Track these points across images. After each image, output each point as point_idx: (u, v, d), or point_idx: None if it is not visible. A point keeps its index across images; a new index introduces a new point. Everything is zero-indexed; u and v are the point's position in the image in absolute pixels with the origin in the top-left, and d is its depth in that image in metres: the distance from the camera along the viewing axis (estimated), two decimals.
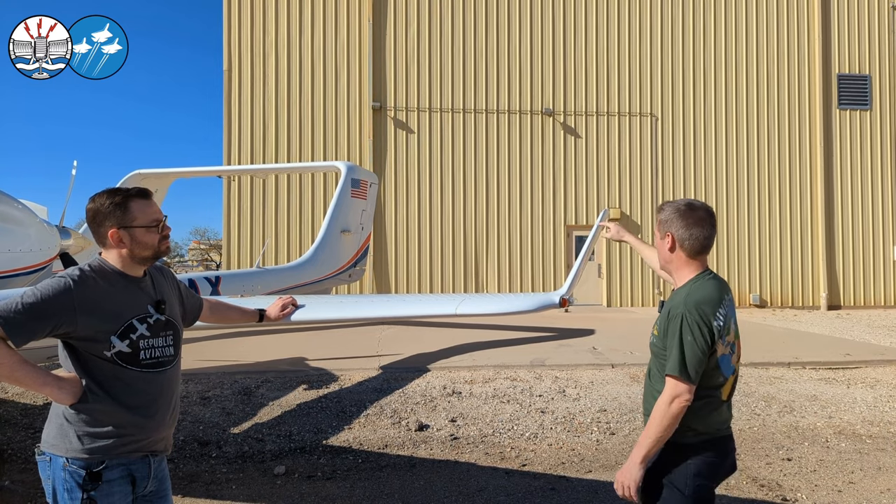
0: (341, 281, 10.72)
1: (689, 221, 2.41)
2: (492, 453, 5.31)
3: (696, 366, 2.23)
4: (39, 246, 6.95)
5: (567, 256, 17.35)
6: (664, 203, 2.52)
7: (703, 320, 2.27)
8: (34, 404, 6.85)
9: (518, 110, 17.47)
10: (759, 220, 17.84)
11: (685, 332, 2.25)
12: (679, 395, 2.22)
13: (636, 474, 2.26)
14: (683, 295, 2.36)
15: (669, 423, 2.23)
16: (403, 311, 4.49)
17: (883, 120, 18.38)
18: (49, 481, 2.10)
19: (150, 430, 2.19)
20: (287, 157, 16.80)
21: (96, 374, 2.11)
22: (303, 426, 6.04)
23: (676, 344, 2.25)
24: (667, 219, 2.44)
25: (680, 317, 2.28)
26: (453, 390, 7.42)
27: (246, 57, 16.87)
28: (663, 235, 2.46)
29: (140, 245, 2.20)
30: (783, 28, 18.19)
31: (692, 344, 2.24)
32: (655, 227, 2.53)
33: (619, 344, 10.59)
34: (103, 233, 2.18)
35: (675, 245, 2.42)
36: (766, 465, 5.02)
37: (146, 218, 2.21)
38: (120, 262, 2.21)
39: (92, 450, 2.08)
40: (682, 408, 2.22)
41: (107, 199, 2.19)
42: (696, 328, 2.25)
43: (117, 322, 2.13)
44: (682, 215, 2.42)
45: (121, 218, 2.17)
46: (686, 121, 17.87)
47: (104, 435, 2.09)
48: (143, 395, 2.16)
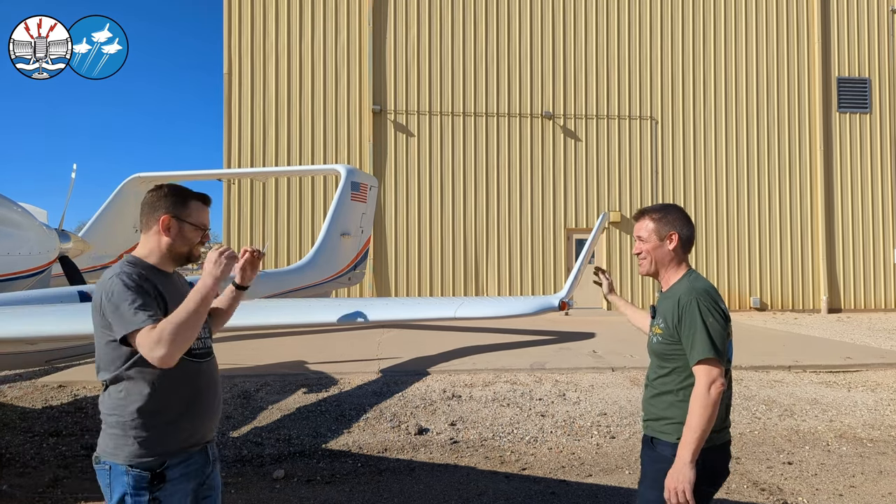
0: (341, 284, 10.70)
1: (687, 220, 2.53)
2: (491, 457, 5.29)
3: (723, 345, 2.25)
4: (39, 249, 6.95)
5: (567, 260, 17.33)
6: (655, 207, 2.58)
7: (716, 303, 2.32)
8: (33, 408, 6.83)
9: (518, 114, 17.47)
10: (759, 223, 17.82)
11: (705, 314, 2.26)
12: (715, 378, 2.21)
13: (689, 475, 2.18)
14: (686, 286, 2.39)
15: (712, 412, 2.19)
16: (402, 314, 4.47)
17: (883, 123, 18.38)
18: (110, 489, 2.10)
19: (204, 419, 2.24)
20: (287, 161, 16.79)
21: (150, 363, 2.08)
22: (302, 430, 6.02)
23: (700, 328, 2.25)
24: (672, 219, 2.50)
25: (694, 303, 2.29)
26: (453, 394, 7.41)
27: (246, 60, 16.88)
28: (665, 236, 2.49)
29: (182, 240, 2.25)
30: (783, 32, 18.21)
31: (714, 324, 2.25)
32: (647, 232, 2.53)
33: (620, 347, 10.58)
34: (156, 217, 2.23)
35: (679, 244, 2.47)
36: (766, 468, 5.01)
37: (198, 219, 2.29)
38: (155, 255, 2.24)
39: (154, 452, 2.09)
40: (719, 393, 2.20)
41: (171, 190, 2.28)
42: (715, 309, 2.29)
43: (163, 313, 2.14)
44: (683, 215, 2.52)
45: (178, 209, 2.25)
46: (686, 124, 17.87)
47: (164, 434, 2.11)
48: (196, 385, 2.20)
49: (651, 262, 2.54)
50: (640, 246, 2.56)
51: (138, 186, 11.28)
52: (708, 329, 2.24)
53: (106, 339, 2.11)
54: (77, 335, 4.22)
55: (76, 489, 4.53)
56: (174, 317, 2.01)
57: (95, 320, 2.14)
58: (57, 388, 7.67)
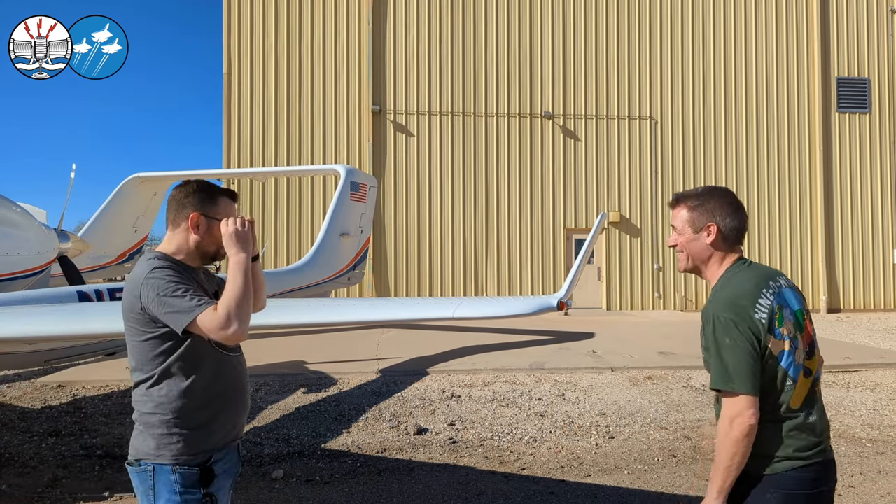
0: (340, 284, 10.70)
1: (733, 207, 2.09)
2: (491, 457, 5.30)
3: (746, 372, 1.86)
4: (38, 249, 6.96)
5: (567, 260, 17.33)
6: (693, 192, 2.16)
7: (739, 316, 1.91)
8: (32, 408, 6.83)
9: (518, 113, 17.47)
10: (758, 222, 17.81)
11: (720, 334, 1.90)
12: (739, 412, 1.85)
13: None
14: (712, 293, 2.06)
15: (735, 450, 1.86)
16: (401, 314, 4.47)
17: (882, 123, 18.38)
18: (153, 491, 2.05)
19: (241, 413, 2.24)
20: (286, 160, 16.78)
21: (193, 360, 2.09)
22: (301, 430, 6.03)
23: (714, 351, 1.91)
24: (712, 207, 2.08)
25: (711, 319, 1.95)
26: (452, 394, 7.41)
27: (246, 59, 16.88)
28: (701, 227, 2.09)
29: (210, 238, 2.21)
30: (782, 32, 18.21)
31: (732, 347, 1.88)
32: (681, 222, 2.14)
33: (619, 347, 10.58)
34: (184, 214, 2.19)
35: (720, 236, 2.07)
36: None
37: (226, 215, 2.24)
38: (182, 252, 2.21)
39: (200, 448, 2.07)
40: (747, 428, 1.85)
41: (199, 186, 2.24)
42: (733, 327, 1.90)
43: None
44: (728, 201, 2.10)
45: (207, 206, 2.21)
46: (685, 124, 17.87)
47: (208, 430, 2.09)
48: (233, 379, 2.19)
49: (687, 258, 2.15)
50: (675, 238, 2.18)
51: (138, 186, 11.29)
52: (721, 353, 1.89)
53: (145, 337, 2.07)
54: (76, 335, 4.23)
55: (75, 489, 4.53)
56: (229, 294, 2.00)
57: (129, 319, 2.10)
58: (56, 388, 7.67)
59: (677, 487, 4.60)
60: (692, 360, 9.27)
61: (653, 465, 5.10)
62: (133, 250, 11.85)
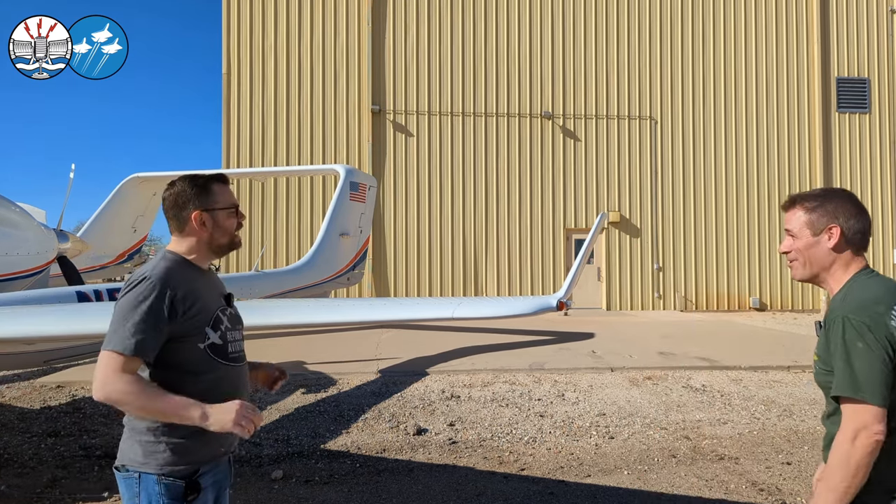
0: (340, 284, 10.70)
1: (856, 208, 1.90)
2: (490, 457, 5.29)
3: (878, 381, 1.66)
4: (37, 249, 6.95)
5: (567, 260, 17.32)
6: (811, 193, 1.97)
7: (874, 321, 1.72)
8: (31, 408, 6.83)
9: (517, 113, 17.47)
10: (758, 222, 17.82)
11: (851, 337, 1.71)
12: (865, 425, 1.64)
13: None
14: (840, 298, 1.87)
15: (856, 469, 1.64)
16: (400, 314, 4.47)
17: (882, 123, 18.39)
18: (138, 499, 1.98)
19: None
20: (286, 160, 16.78)
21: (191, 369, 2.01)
22: (300, 430, 6.02)
23: (842, 355, 1.71)
24: (833, 208, 1.89)
25: (841, 322, 1.75)
26: (452, 394, 7.41)
27: (245, 59, 16.88)
28: (822, 230, 1.90)
29: (220, 230, 2.13)
30: (782, 32, 18.21)
31: (865, 351, 1.69)
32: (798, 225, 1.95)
33: (619, 348, 10.58)
34: (185, 216, 2.09)
35: (842, 240, 1.88)
36: (765, 469, 5.00)
37: (226, 201, 2.16)
38: (194, 251, 2.12)
39: (188, 459, 1.99)
40: (873, 443, 1.63)
41: (189, 183, 2.12)
42: (867, 330, 1.70)
43: (207, 313, 2.06)
44: (852, 202, 1.92)
45: (204, 200, 2.11)
46: (685, 124, 17.87)
47: (198, 441, 1.99)
48: (232, 390, 2.07)
49: (804, 265, 1.96)
50: (789, 243, 1.98)
51: (137, 186, 11.28)
52: (850, 357, 1.69)
53: None
54: (75, 335, 4.22)
55: (74, 489, 4.52)
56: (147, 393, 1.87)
57: None
58: (55, 388, 7.66)
59: (677, 488, 4.60)
60: (692, 361, 9.27)
61: (652, 465, 5.10)
62: (132, 250, 11.85)
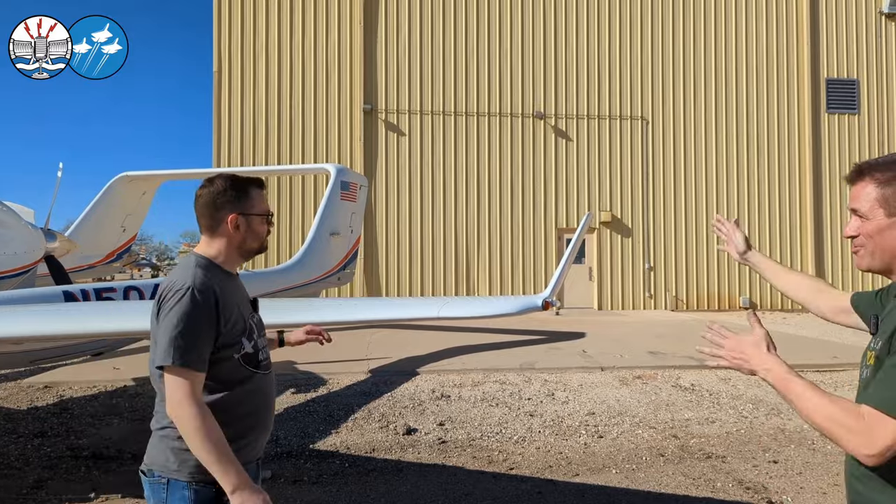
0: (330, 284, 10.66)
1: None
2: (479, 457, 5.30)
3: None
4: (24, 249, 6.90)
5: (558, 259, 17.34)
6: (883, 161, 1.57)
7: None
8: (17, 409, 6.78)
9: (509, 113, 17.49)
10: (747, 222, 17.91)
11: None
12: None
13: None
14: None
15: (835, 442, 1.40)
16: (386, 314, 4.47)
17: (871, 124, 18.52)
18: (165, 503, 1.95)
19: (264, 433, 2.14)
20: (277, 160, 16.74)
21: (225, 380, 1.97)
22: (290, 430, 6.00)
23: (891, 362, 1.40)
24: None
25: None
26: (442, 394, 7.41)
27: (236, 58, 16.81)
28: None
29: (253, 234, 2.12)
30: (772, 32, 18.31)
31: None
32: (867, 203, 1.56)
33: (609, 347, 10.61)
34: (221, 217, 2.06)
35: None
36: (752, 467, 5.03)
37: (262, 208, 2.15)
38: (224, 255, 2.09)
39: None
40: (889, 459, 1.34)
41: (229, 184, 2.10)
42: None
43: (242, 322, 2.02)
44: None
45: (242, 204, 2.09)
46: (676, 124, 17.94)
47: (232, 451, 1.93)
48: (261, 397, 2.06)
49: (873, 253, 1.58)
50: (857, 226, 1.60)
51: (126, 185, 11.21)
52: None
53: None
54: (62, 335, 4.19)
55: (61, 490, 4.50)
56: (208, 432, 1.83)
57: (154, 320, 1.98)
58: (42, 388, 7.61)
59: (664, 486, 4.62)
60: (682, 360, 9.30)
61: (641, 464, 5.12)
62: (121, 250, 11.78)
